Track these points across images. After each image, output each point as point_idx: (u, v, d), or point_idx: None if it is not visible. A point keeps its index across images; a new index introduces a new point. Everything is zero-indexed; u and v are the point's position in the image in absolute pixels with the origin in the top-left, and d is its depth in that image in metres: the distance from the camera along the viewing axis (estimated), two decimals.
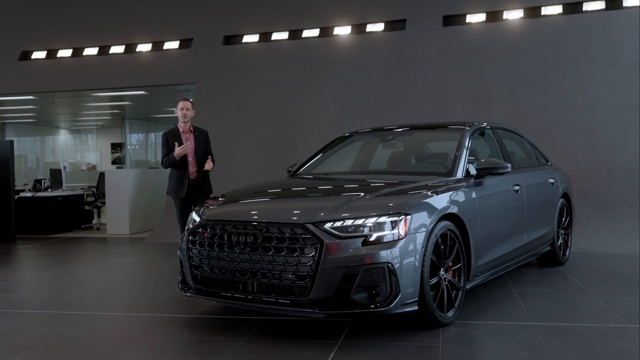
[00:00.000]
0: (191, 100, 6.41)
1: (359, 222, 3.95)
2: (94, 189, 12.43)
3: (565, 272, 6.46)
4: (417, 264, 4.01)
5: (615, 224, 8.26)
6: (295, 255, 3.92)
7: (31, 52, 12.67)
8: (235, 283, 4.17)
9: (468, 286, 4.67)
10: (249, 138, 10.60)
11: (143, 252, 8.72)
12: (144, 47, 11.96)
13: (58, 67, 12.40)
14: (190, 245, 4.45)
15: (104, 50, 12.23)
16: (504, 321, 4.52)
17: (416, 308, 4.05)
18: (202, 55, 11.51)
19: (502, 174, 5.10)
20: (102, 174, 12.22)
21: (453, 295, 4.44)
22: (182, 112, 6.63)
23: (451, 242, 4.42)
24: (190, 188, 6.61)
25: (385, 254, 3.86)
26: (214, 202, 4.78)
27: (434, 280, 4.21)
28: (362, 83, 10.31)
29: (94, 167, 18.09)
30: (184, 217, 6.51)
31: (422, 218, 4.11)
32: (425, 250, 4.08)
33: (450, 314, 4.37)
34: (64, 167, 14.06)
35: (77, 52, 12.38)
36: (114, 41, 12.21)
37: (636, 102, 8.74)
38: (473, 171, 5.04)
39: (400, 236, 3.95)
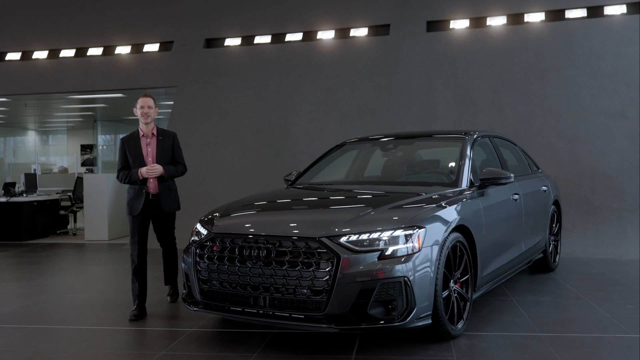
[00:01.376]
0: (153, 96, 5.50)
1: (375, 235, 3.91)
2: (70, 194, 12.13)
3: (557, 278, 6.53)
4: (431, 276, 3.99)
5: (599, 229, 8.38)
6: (310, 269, 3.85)
7: (5, 53, 12.29)
8: (246, 298, 4.08)
9: (474, 297, 4.67)
10: (232, 143, 10.45)
11: (124, 259, 8.51)
12: (123, 50, 11.68)
13: (33, 69, 12.04)
14: (197, 259, 4.33)
15: (81, 52, 11.91)
16: (512, 332, 4.53)
17: (430, 322, 4.03)
18: (183, 58, 11.32)
19: (505, 184, 5.11)
20: (79, 178, 11.94)
21: (461, 306, 4.43)
22: (143, 111, 5.33)
23: (460, 253, 4.41)
24: (149, 205, 5.42)
25: (401, 268, 3.83)
26: (221, 214, 4.66)
27: (446, 292, 4.19)
28: (346, 88, 10.26)
29: (65, 169, 17.70)
30: (140, 239, 5.37)
31: (435, 230, 4.09)
32: (439, 263, 4.06)
33: (459, 325, 4.37)
34: (35, 170, 13.70)
35: (54, 53, 12.04)
36: (91, 43, 11.89)
37: (618, 108, 8.89)
38: (475, 180, 5.06)
39: (415, 249, 3.93)
